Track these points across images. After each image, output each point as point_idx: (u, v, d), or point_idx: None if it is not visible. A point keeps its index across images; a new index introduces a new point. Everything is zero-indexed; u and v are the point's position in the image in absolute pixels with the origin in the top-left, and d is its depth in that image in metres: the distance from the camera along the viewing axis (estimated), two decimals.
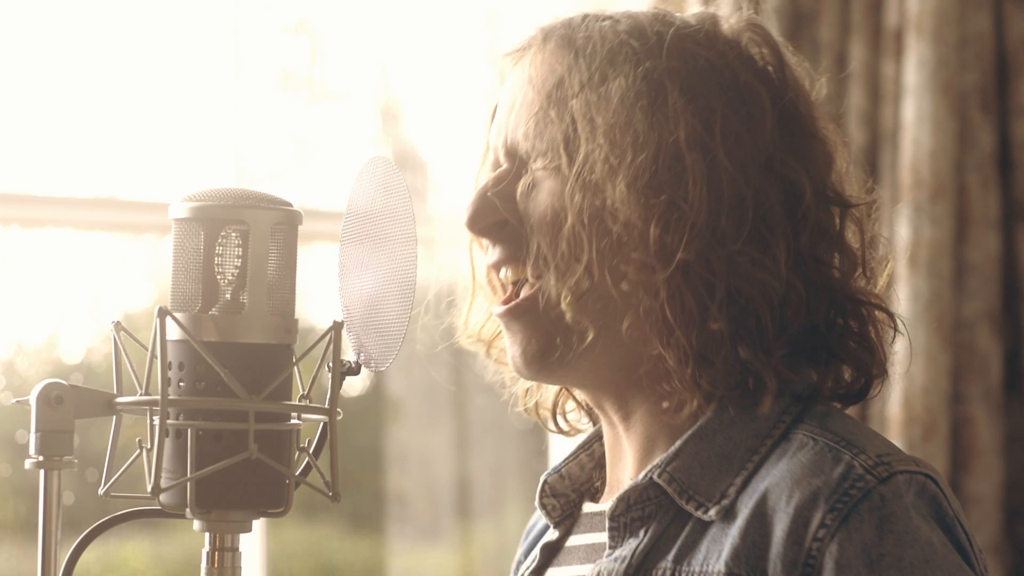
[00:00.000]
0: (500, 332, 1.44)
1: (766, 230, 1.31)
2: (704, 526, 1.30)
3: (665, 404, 1.34)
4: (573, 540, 1.44)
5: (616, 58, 1.34)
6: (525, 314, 1.36)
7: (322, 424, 1.30)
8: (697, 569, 1.29)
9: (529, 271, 1.36)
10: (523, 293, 1.37)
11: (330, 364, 1.28)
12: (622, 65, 1.34)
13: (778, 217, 1.32)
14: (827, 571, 1.23)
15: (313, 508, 3.19)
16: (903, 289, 2.93)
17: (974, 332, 2.99)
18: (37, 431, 1.26)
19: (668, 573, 1.30)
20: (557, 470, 1.47)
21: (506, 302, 1.38)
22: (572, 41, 1.37)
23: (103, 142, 2.96)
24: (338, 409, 1.28)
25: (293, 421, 1.28)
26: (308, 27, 3.26)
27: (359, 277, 1.34)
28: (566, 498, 1.46)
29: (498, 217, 1.37)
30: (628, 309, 1.32)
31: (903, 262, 2.93)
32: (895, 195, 2.97)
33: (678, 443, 1.33)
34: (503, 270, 1.39)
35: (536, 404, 1.50)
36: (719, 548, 1.28)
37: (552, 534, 1.46)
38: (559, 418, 1.50)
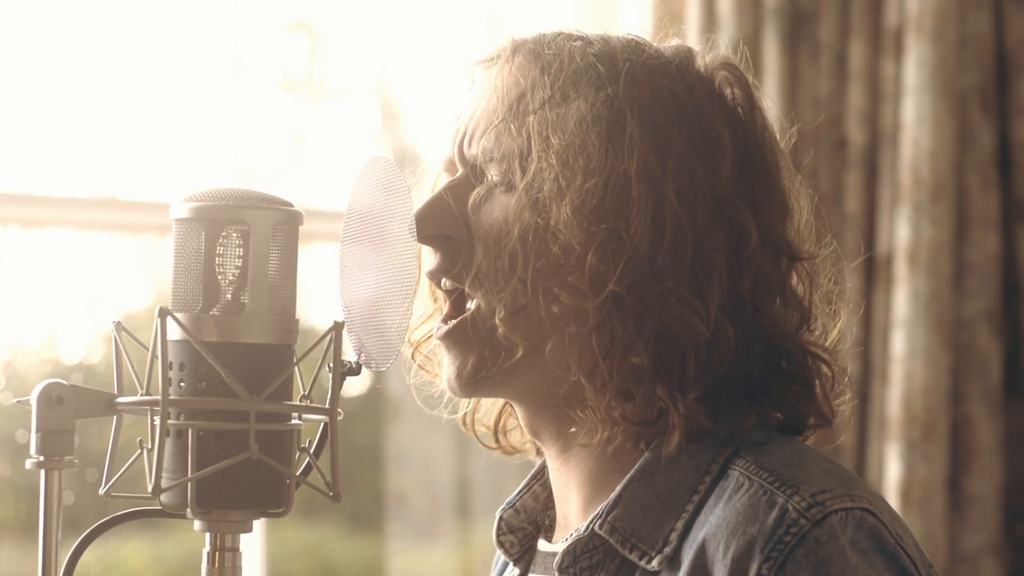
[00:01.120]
0: (426, 337, 1.44)
1: (703, 273, 1.30)
2: (650, 574, 1.30)
3: (573, 429, 1.34)
4: None
5: (580, 80, 1.33)
6: (460, 335, 1.35)
7: (323, 424, 1.30)
8: None
9: (467, 283, 1.35)
10: (467, 308, 1.36)
11: (331, 364, 1.28)
12: (585, 88, 1.33)
13: (719, 261, 1.31)
14: None
15: (313, 508, 3.19)
16: (903, 289, 2.93)
17: (974, 332, 2.99)
18: (38, 431, 1.26)
19: None
20: (511, 504, 1.46)
21: (445, 322, 1.37)
22: (540, 56, 1.36)
23: (103, 142, 2.96)
24: (339, 409, 1.28)
25: (294, 421, 1.28)
26: (308, 27, 3.26)
27: (360, 277, 1.34)
28: (523, 532, 1.45)
29: (443, 230, 1.36)
30: (555, 332, 1.31)
31: (903, 263, 2.93)
32: (895, 195, 2.97)
33: (618, 489, 1.32)
34: (442, 280, 1.38)
35: (475, 419, 1.49)
36: None
37: (513, 571, 1.45)
38: (499, 435, 1.49)
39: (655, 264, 1.29)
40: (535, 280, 1.31)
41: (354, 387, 3.21)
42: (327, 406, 1.28)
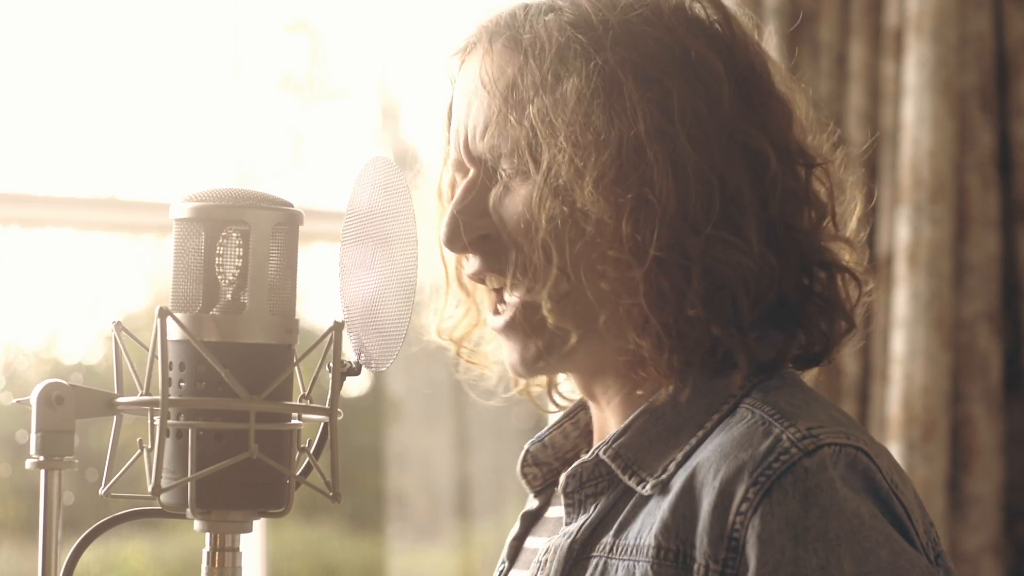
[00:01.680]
0: (470, 332, 1.47)
1: (735, 209, 1.32)
2: (643, 500, 1.31)
3: (639, 392, 1.35)
4: (550, 511, 1.45)
5: (566, 56, 1.33)
6: (516, 326, 1.37)
7: (322, 424, 1.30)
8: (631, 543, 1.30)
9: (508, 280, 1.36)
10: (508, 301, 1.38)
11: (330, 364, 1.28)
12: (573, 62, 1.33)
13: (746, 192, 1.32)
14: (750, 545, 1.23)
15: (313, 508, 3.19)
16: (903, 289, 2.93)
17: (974, 332, 2.99)
18: (38, 431, 1.26)
19: (608, 547, 1.31)
20: (540, 439, 1.48)
21: (497, 314, 1.38)
22: (519, 40, 1.36)
23: (103, 142, 2.96)
24: (338, 409, 1.28)
25: (294, 421, 1.28)
26: (308, 27, 3.26)
27: (360, 277, 1.34)
28: (548, 467, 1.47)
29: (474, 234, 1.37)
30: (607, 306, 1.33)
31: (903, 263, 2.93)
32: (895, 195, 2.97)
33: (630, 418, 1.34)
34: (485, 279, 1.39)
35: (528, 385, 1.51)
36: (652, 521, 1.29)
37: (532, 503, 1.47)
38: (554, 395, 1.51)
39: (688, 216, 1.30)
40: (575, 264, 1.32)
41: (354, 387, 3.21)
42: (327, 406, 1.28)
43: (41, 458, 1.26)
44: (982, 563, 2.99)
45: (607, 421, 1.41)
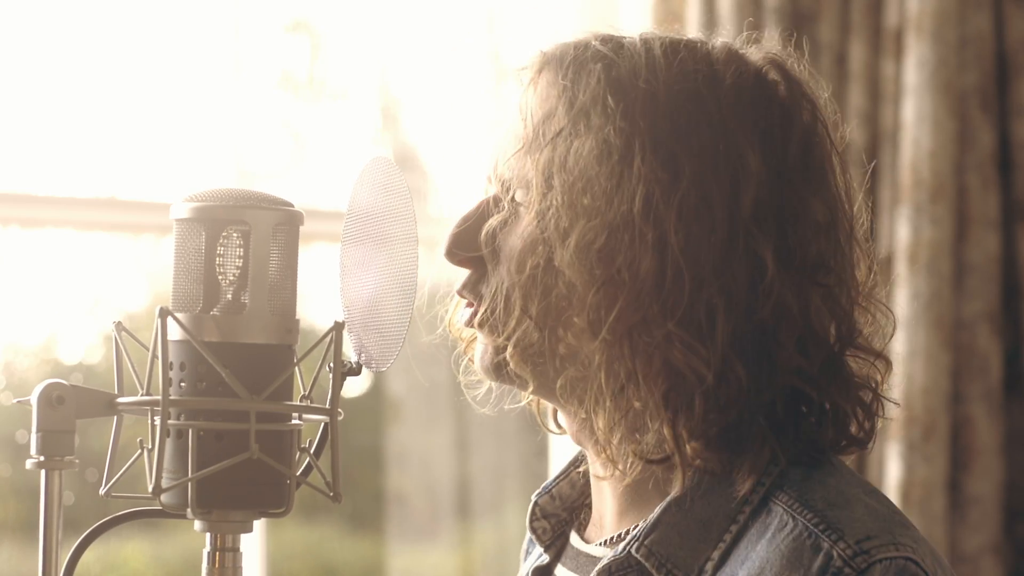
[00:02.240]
0: (474, 337, 1.44)
1: (705, 312, 1.27)
2: None
3: (596, 464, 1.34)
4: (560, 572, 1.43)
5: (592, 110, 1.30)
6: (482, 326, 1.35)
7: (323, 424, 1.30)
8: None
9: (480, 311, 1.34)
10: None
11: (331, 364, 1.28)
12: (596, 119, 1.29)
13: (730, 296, 1.27)
14: None
15: (313, 508, 3.19)
16: (903, 289, 2.93)
17: (974, 332, 2.99)
18: (38, 431, 1.26)
19: None
20: (547, 490, 1.46)
21: (470, 308, 1.37)
22: (560, 82, 1.33)
23: (103, 142, 2.96)
24: (339, 409, 1.28)
25: (294, 421, 1.28)
26: (308, 27, 3.26)
27: (360, 277, 1.34)
28: (557, 518, 1.46)
29: (469, 254, 1.35)
30: (563, 371, 1.31)
31: (903, 263, 2.93)
32: (895, 195, 2.97)
33: (657, 511, 1.31)
34: (462, 292, 1.38)
35: (539, 404, 1.49)
36: None
37: (543, 558, 1.45)
38: (556, 420, 1.48)
39: (657, 305, 1.27)
40: (542, 318, 1.30)
41: (354, 387, 3.21)
42: (327, 406, 1.28)
43: (41, 458, 1.26)
44: (982, 563, 3.00)
45: (597, 472, 1.38)
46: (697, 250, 1.27)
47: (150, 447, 1.25)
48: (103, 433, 1.33)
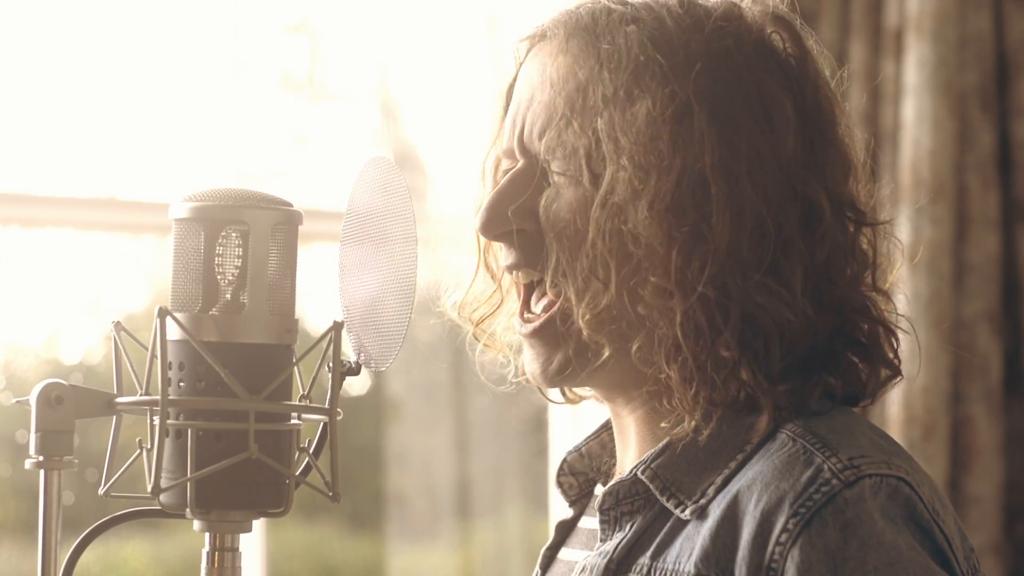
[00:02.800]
0: (491, 314, 1.45)
1: (784, 258, 1.31)
2: (682, 523, 1.31)
3: (664, 424, 1.34)
4: (583, 522, 1.45)
5: (643, 75, 1.31)
6: (546, 333, 1.36)
7: (322, 424, 1.30)
8: (670, 567, 1.29)
9: (548, 280, 1.35)
10: (538, 303, 1.37)
11: (330, 364, 1.28)
12: (649, 83, 1.31)
13: (797, 242, 1.32)
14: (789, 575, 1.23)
15: (313, 508, 3.19)
16: (903, 289, 2.93)
17: (974, 332, 2.99)
18: (37, 431, 1.26)
19: (645, 569, 1.31)
20: (577, 448, 1.48)
21: (526, 320, 1.37)
22: (596, 48, 1.34)
23: (103, 142, 2.96)
24: (338, 409, 1.28)
25: (293, 421, 1.28)
26: (308, 27, 3.26)
27: (359, 277, 1.34)
28: (584, 476, 1.47)
29: (511, 227, 1.36)
30: (641, 330, 1.32)
31: (903, 262, 2.93)
32: (895, 195, 2.97)
33: (667, 438, 1.33)
34: (516, 273, 1.38)
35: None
36: (691, 547, 1.28)
37: (567, 512, 1.47)
38: (565, 389, 1.49)
39: (738, 257, 1.30)
40: (619, 282, 1.31)
41: (354, 387, 3.21)
42: (327, 406, 1.28)
43: (41, 458, 1.26)
44: (982, 563, 2.99)
45: (628, 428, 1.40)
46: (767, 201, 1.31)
47: (149, 447, 1.25)
48: (103, 433, 1.33)
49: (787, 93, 1.35)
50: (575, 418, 3.03)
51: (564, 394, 1.50)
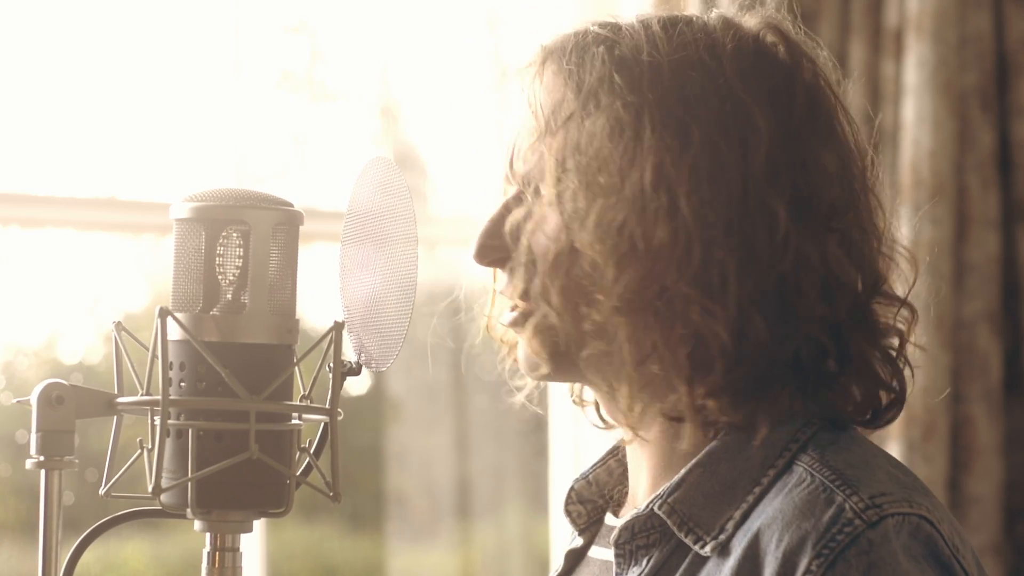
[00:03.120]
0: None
1: (718, 273, 1.29)
2: (702, 560, 1.30)
3: (625, 430, 1.36)
4: (593, 551, 1.44)
5: (600, 91, 1.32)
6: (520, 326, 1.37)
7: (323, 424, 1.30)
8: None
9: (515, 304, 1.37)
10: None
11: (331, 364, 1.28)
12: (605, 98, 1.32)
13: (749, 252, 1.30)
14: None
15: (313, 508, 3.19)
16: (903, 289, 2.93)
17: (974, 332, 2.99)
18: (38, 431, 1.26)
19: None
20: (585, 476, 1.48)
21: (514, 311, 1.39)
22: (565, 68, 1.35)
23: (103, 142, 2.96)
24: (339, 409, 1.28)
25: (294, 421, 1.28)
26: (308, 27, 3.26)
27: (360, 277, 1.34)
28: (593, 504, 1.47)
29: (501, 254, 1.37)
30: (586, 347, 1.33)
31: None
32: (895, 195, 2.97)
33: (682, 472, 1.33)
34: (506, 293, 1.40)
35: (581, 395, 1.51)
36: None
37: (577, 541, 1.46)
38: (600, 410, 1.50)
39: (674, 272, 1.29)
40: (564, 300, 1.32)
41: (354, 387, 3.21)
42: (327, 406, 1.28)
43: (41, 458, 1.26)
44: (982, 563, 2.99)
45: (638, 453, 1.40)
46: (709, 213, 1.29)
47: (150, 447, 1.25)
48: (103, 433, 1.33)
49: (762, 103, 1.33)
50: (575, 418, 3.03)
51: (600, 416, 1.50)
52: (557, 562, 1.48)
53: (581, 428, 3.03)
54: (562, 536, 2.94)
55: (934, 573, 1.25)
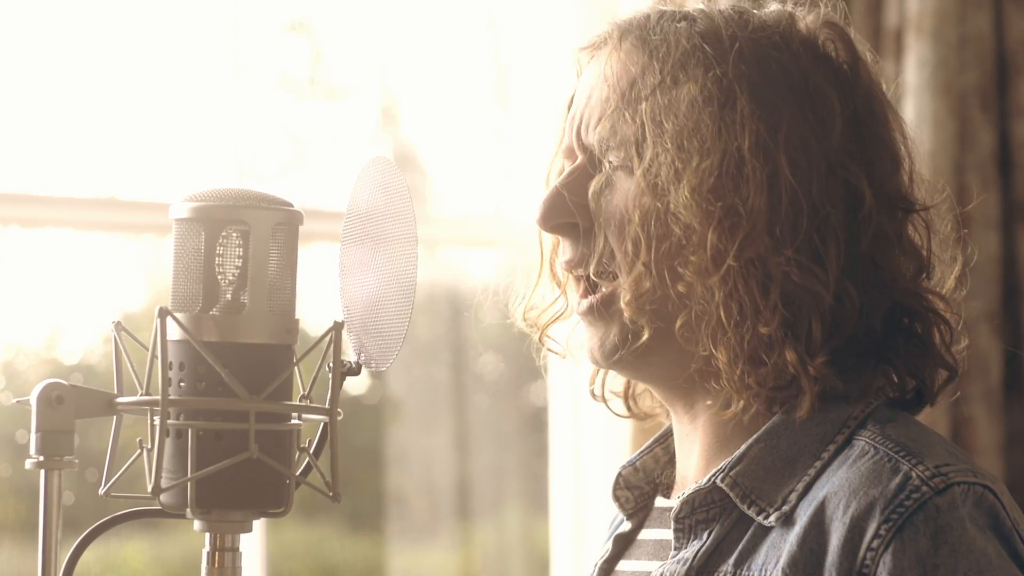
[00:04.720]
0: (554, 319, 1.49)
1: (819, 238, 1.34)
2: (765, 531, 1.33)
3: (709, 402, 1.37)
4: (644, 534, 1.47)
5: (688, 62, 1.37)
6: (599, 312, 1.40)
7: (322, 424, 1.30)
8: (756, 574, 1.31)
9: (592, 268, 1.39)
10: (598, 290, 1.40)
11: (330, 364, 1.28)
12: (694, 69, 1.36)
13: (835, 224, 1.35)
14: None
15: (313, 508, 3.19)
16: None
17: (974, 332, 2.99)
18: (38, 431, 1.26)
19: None
20: (632, 463, 1.50)
21: (583, 297, 1.41)
22: (647, 41, 1.39)
23: (103, 142, 2.96)
24: (338, 409, 1.28)
25: (293, 421, 1.28)
26: (308, 27, 3.26)
27: (359, 277, 1.34)
28: (640, 490, 1.49)
29: (568, 219, 1.40)
30: (682, 310, 1.35)
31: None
32: None
33: (744, 446, 1.36)
34: (576, 267, 1.42)
35: (604, 388, 1.52)
36: (777, 554, 1.30)
37: (625, 526, 1.49)
38: (629, 401, 1.53)
39: (774, 235, 1.33)
40: (658, 263, 1.35)
41: (354, 387, 3.21)
42: (327, 406, 1.28)
43: (41, 458, 1.26)
44: None
45: (690, 436, 1.42)
46: (804, 182, 1.34)
47: (149, 447, 1.25)
48: (103, 433, 1.33)
49: (833, 87, 1.39)
50: (575, 418, 3.03)
51: (630, 409, 1.53)
52: (605, 547, 1.50)
53: (581, 428, 3.04)
54: (562, 536, 2.94)
55: (997, 544, 1.28)
